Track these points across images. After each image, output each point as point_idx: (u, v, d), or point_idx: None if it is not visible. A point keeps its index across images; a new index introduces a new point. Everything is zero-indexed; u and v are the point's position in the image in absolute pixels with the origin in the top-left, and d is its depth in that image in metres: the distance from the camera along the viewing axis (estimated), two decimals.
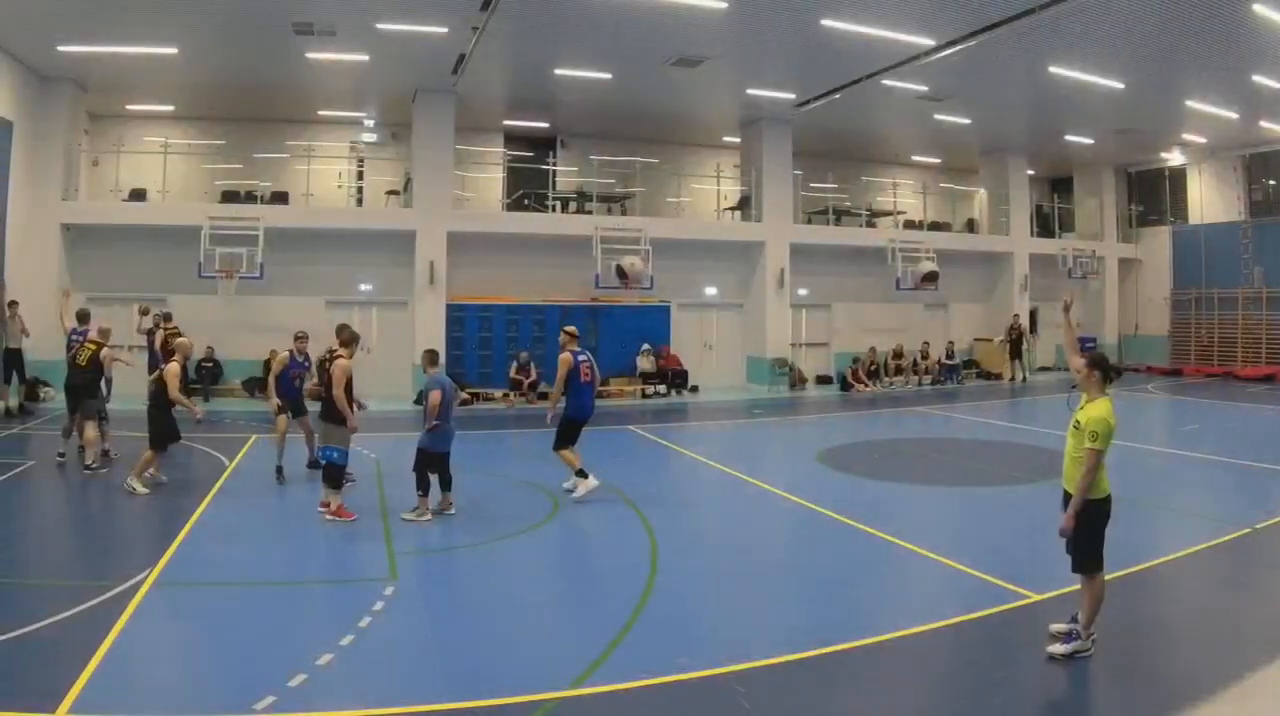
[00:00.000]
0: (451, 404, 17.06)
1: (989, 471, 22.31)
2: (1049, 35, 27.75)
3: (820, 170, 44.48)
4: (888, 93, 34.72)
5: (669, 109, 39.01)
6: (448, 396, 16.79)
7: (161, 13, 26.43)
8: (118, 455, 21.68)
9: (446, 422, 16.79)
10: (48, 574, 13.52)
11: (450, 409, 16.97)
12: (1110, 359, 10.89)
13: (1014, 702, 9.40)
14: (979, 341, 46.97)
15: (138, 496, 17.79)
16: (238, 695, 9.01)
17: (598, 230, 36.51)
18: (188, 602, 12.23)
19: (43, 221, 32.46)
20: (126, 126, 38.13)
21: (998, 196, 47.48)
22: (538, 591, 13.35)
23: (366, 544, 15.17)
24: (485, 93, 36.63)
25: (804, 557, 15.38)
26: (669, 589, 12.94)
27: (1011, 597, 12.16)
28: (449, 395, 16.89)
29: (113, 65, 31.58)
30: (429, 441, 16.66)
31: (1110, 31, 27.60)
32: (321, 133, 40.14)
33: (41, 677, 9.34)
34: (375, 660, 10.21)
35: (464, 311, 36.19)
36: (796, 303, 42.25)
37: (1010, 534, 16.26)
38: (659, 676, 9.68)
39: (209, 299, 33.62)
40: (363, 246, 36.60)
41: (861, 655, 10.46)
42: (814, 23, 26.98)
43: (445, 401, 16.66)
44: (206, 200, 36.12)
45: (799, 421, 32.77)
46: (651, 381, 37.60)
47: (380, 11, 26.52)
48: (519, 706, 8.91)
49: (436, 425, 16.54)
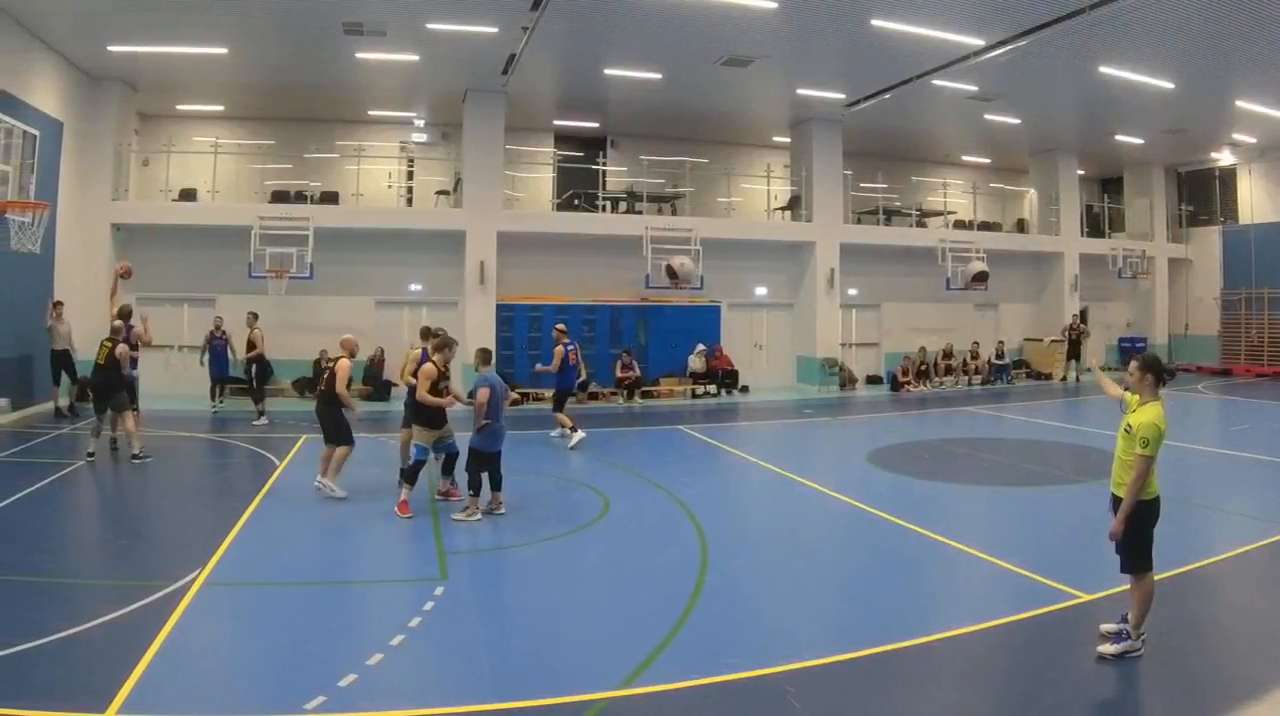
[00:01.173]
0: (502, 403, 16.66)
1: (1039, 471, 21.83)
2: (1099, 35, 27.10)
3: (870, 170, 43.47)
4: (937, 93, 34.08)
5: (719, 109, 38.25)
6: (497, 395, 16.36)
7: (212, 13, 26.08)
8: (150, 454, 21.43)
9: (497, 422, 16.43)
10: (98, 574, 13.39)
11: (501, 408, 16.59)
12: (1161, 360, 10.59)
13: (1064, 703, 9.14)
14: (1029, 341, 46.05)
15: (338, 496, 17.66)
16: (288, 695, 8.89)
17: (648, 230, 35.84)
18: (238, 602, 12.07)
19: (93, 221, 31.96)
20: (176, 126, 37.68)
21: (1048, 196, 46.33)
22: (587, 591, 13.07)
23: (417, 544, 15.05)
24: (535, 92, 36.07)
25: (854, 557, 15.03)
26: (719, 588, 12.67)
27: (1061, 597, 11.98)
28: (499, 394, 16.46)
29: (163, 65, 31.18)
30: (480, 441, 16.29)
31: (1160, 32, 27.01)
32: (371, 133, 39.56)
33: (92, 677, 9.17)
34: (426, 660, 10.19)
35: (514, 311, 35.61)
36: (846, 302, 41.34)
37: (1060, 533, 15.89)
38: (709, 676, 9.51)
39: (259, 299, 32.67)
40: (412, 246, 36.09)
41: (911, 655, 10.26)
42: (864, 22, 26.46)
43: (495, 400, 16.26)
44: (256, 200, 35.64)
45: (849, 421, 31.93)
46: (702, 381, 36.94)
47: (430, 11, 26.13)
48: (569, 706, 8.79)
49: (486, 424, 16.17)
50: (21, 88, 26.58)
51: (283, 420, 28.48)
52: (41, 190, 22.32)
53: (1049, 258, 46.07)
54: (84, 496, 18.64)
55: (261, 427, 25.55)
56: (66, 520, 16.86)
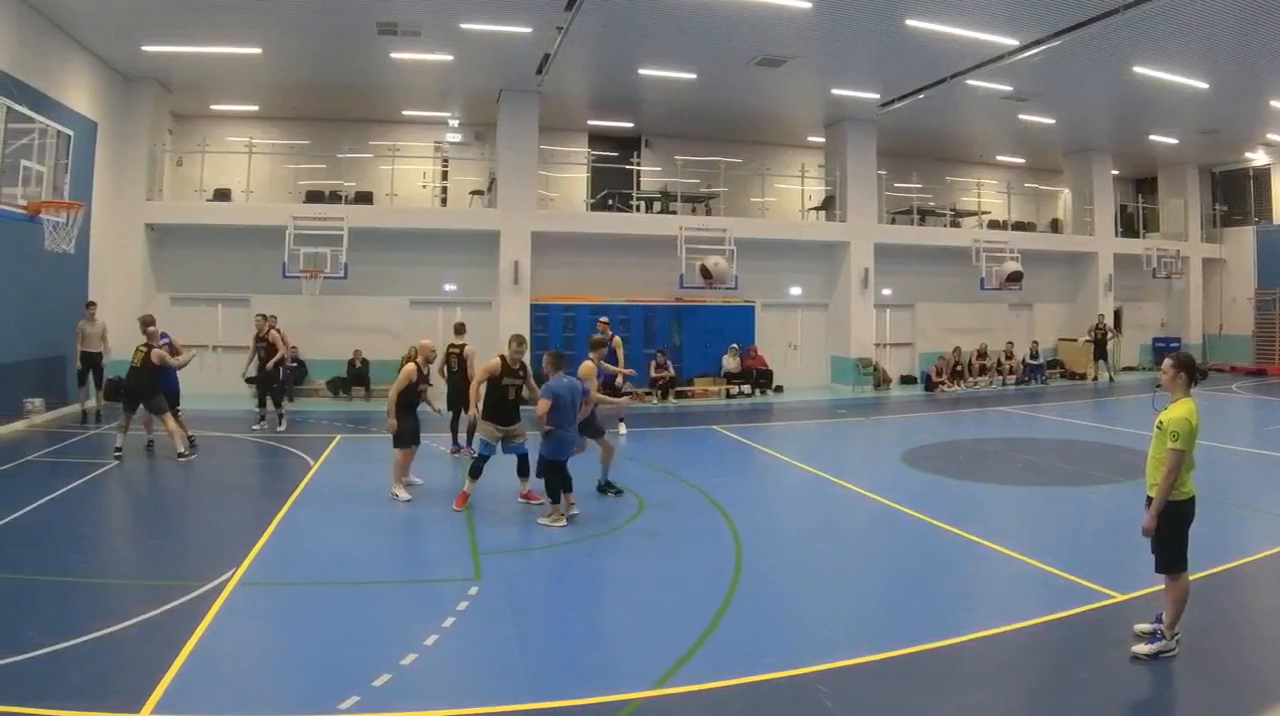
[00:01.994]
0: (570, 409, 15.95)
1: (1073, 471, 21.48)
2: (1132, 35, 26.77)
3: (904, 170, 42.89)
4: (971, 93, 33.64)
5: (753, 109, 37.76)
6: (562, 403, 15.71)
7: (246, 13, 25.96)
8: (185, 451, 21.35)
9: (564, 429, 15.85)
10: (132, 573, 13.37)
11: (570, 415, 15.94)
12: (1195, 359, 10.57)
13: (1098, 703, 9.00)
14: (1063, 341, 45.37)
15: (401, 499, 17.52)
16: (322, 695, 8.80)
17: (682, 230, 35.33)
18: (272, 602, 11.97)
19: (127, 221, 31.78)
20: (210, 126, 37.44)
21: (1082, 196, 45.62)
22: (621, 591, 13.10)
23: (450, 544, 14.88)
24: (569, 92, 35.65)
25: (887, 557, 14.82)
26: (753, 588, 12.54)
27: (1095, 597, 11.83)
28: (565, 401, 15.76)
29: (197, 65, 30.98)
30: (548, 449, 15.85)
31: (1194, 32, 26.73)
32: (406, 132, 39.09)
33: (126, 677, 9.09)
34: (459, 660, 10.10)
35: (548, 311, 35.32)
36: (880, 303, 40.86)
37: (1094, 534, 15.75)
38: (743, 676, 9.37)
39: (293, 299, 32.70)
40: (447, 246, 35.76)
41: (945, 655, 10.14)
42: (898, 22, 26.23)
43: (560, 409, 15.65)
44: (291, 200, 35.33)
45: (883, 421, 31.62)
46: (736, 381, 36.48)
47: (464, 11, 25.96)
48: (603, 706, 8.69)
49: (550, 431, 15.62)
50: (56, 88, 26.37)
51: (316, 420, 28.45)
52: (76, 190, 22.03)
53: (1083, 258, 45.43)
54: (117, 496, 18.53)
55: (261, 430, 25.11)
56: (100, 520, 16.83)
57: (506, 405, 16.72)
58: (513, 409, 16.83)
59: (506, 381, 16.62)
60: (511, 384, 16.68)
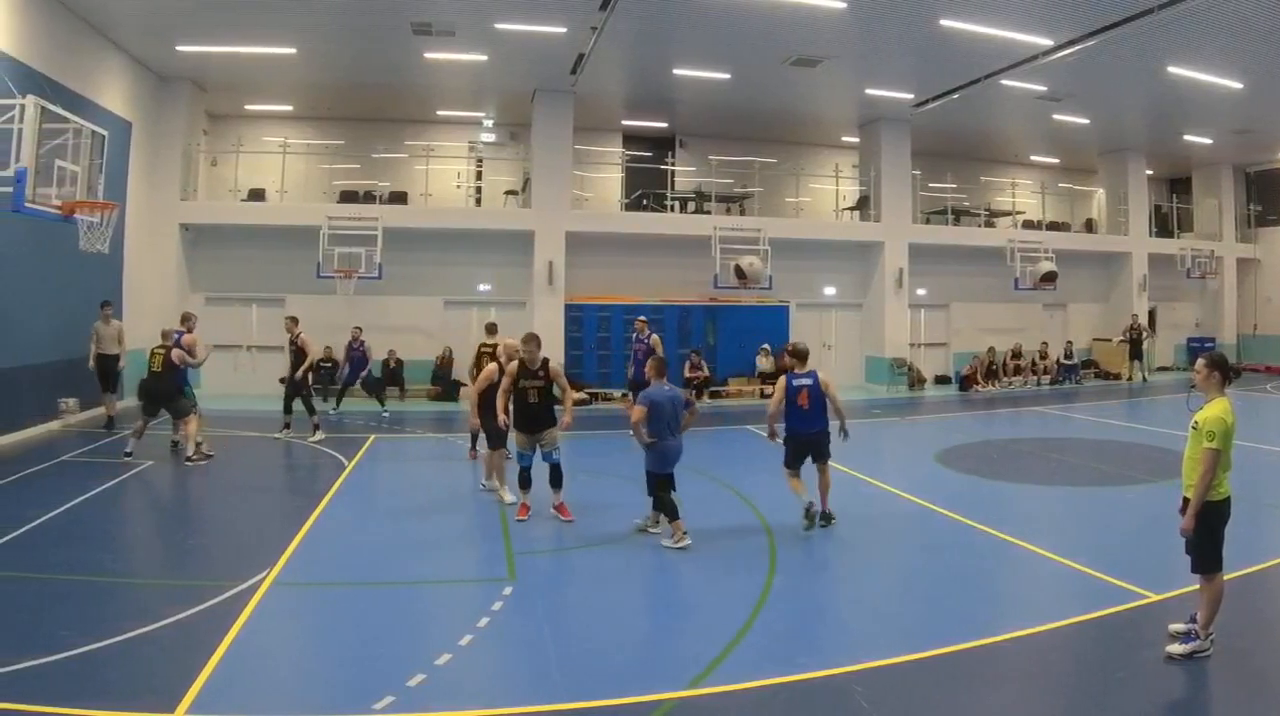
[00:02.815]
0: (670, 418, 14.88)
1: (1107, 471, 21.28)
2: (1167, 35, 26.56)
3: (939, 170, 42.35)
4: (1006, 93, 33.33)
5: (788, 109, 37.40)
6: (660, 411, 14.71)
7: (280, 13, 25.91)
8: (213, 452, 21.40)
9: (664, 440, 14.81)
10: (167, 573, 13.25)
11: (668, 423, 14.87)
12: (1229, 359, 10.46)
13: (1132, 703, 8.92)
14: (1098, 341, 44.86)
15: (505, 502, 17.12)
16: (357, 695, 8.76)
17: (716, 230, 34.90)
18: (306, 602, 11.98)
19: (161, 221, 31.70)
20: (245, 126, 37.32)
21: (1116, 196, 45.04)
22: (656, 591, 13.05)
23: (485, 544, 14.89)
24: (604, 92, 35.40)
25: (922, 557, 14.57)
26: (787, 588, 12.52)
27: (1130, 597, 11.76)
28: (662, 410, 14.75)
29: (231, 65, 30.89)
30: (651, 461, 14.96)
31: (1228, 31, 26.45)
32: (440, 132, 38.70)
33: (160, 677, 9.07)
34: (494, 660, 10.11)
35: (582, 311, 35.14)
36: (915, 302, 40.47)
37: (1129, 534, 15.67)
38: (778, 676, 9.34)
39: (327, 299, 32.50)
40: (481, 246, 35.56)
41: (980, 655, 10.11)
42: (932, 22, 26.03)
43: (658, 417, 14.68)
44: (325, 200, 35.29)
45: (917, 421, 31.40)
46: (770, 381, 34.84)
47: (499, 11, 25.82)
48: (638, 706, 8.65)
49: (652, 443, 14.70)
50: (91, 88, 26.20)
51: (352, 420, 28.41)
52: (110, 190, 21.78)
53: (1117, 258, 44.86)
54: (151, 497, 18.45)
55: (317, 440, 24.22)
56: (135, 520, 16.98)
57: (528, 409, 15.81)
58: (536, 413, 15.88)
59: (525, 383, 15.72)
60: (531, 387, 15.74)
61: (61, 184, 18.72)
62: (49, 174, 18.26)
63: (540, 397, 15.85)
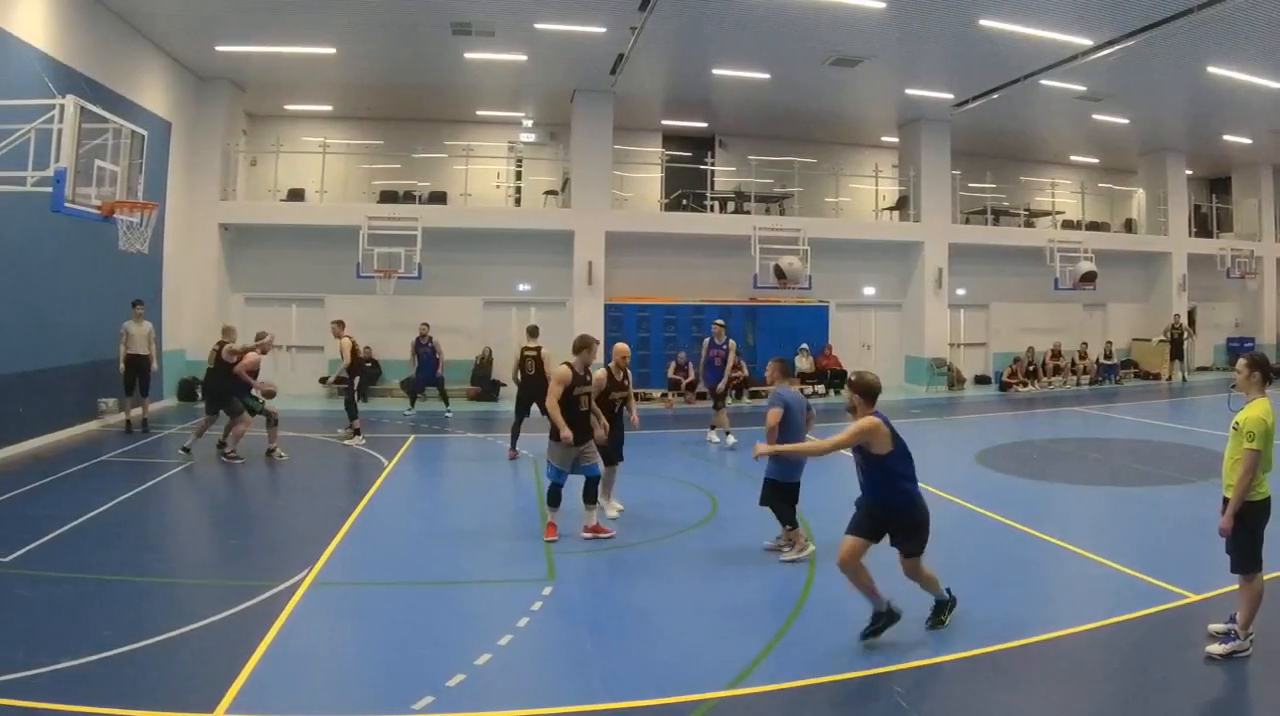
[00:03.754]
0: (801, 422, 13.92)
1: (1147, 471, 21.06)
2: (1207, 35, 26.21)
3: (978, 170, 41.73)
4: (1046, 93, 32.97)
5: (827, 109, 37.03)
6: (794, 414, 13.76)
7: (320, 13, 25.75)
8: (284, 456, 21.20)
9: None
10: (206, 573, 13.28)
11: (801, 429, 13.91)
12: (1270, 359, 10.56)
13: (1172, 703, 8.89)
14: (1137, 341, 44.27)
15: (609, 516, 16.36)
16: (397, 695, 8.72)
17: (756, 230, 34.45)
18: (346, 602, 11.97)
19: (201, 221, 31.49)
20: (284, 126, 37.15)
21: (1156, 196, 44.36)
22: (695, 591, 12.63)
23: (524, 544, 14.65)
24: (643, 92, 35.07)
25: (962, 557, 13.99)
26: (827, 588, 12.19)
27: (1169, 597, 11.68)
28: (795, 412, 13.80)
29: (271, 65, 30.77)
30: (775, 469, 13.84)
31: (1267, 31, 26.04)
32: (480, 132, 38.38)
33: (200, 677, 9.02)
34: (533, 660, 10.10)
35: (621, 311, 34.72)
36: (954, 302, 39.98)
37: (1168, 534, 15.47)
38: (817, 676, 9.31)
39: (367, 299, 32.34)
40: (521, 246, 35.21)
41: (1018, 655, 10.02)
42: (972, 22, 25.79)
43: (791, 421, 13.69)
44: (365, 200, 35.21)
45: (957, 421, 30.98)
46: (810, 381, 35.60)
47: (539, 12, 25.68)
48: (677, 706, 8.62)
49: (782, 449, 13.29)
50: (130, 88, 26.05)
51: (391, 420, 28.16)
52: (150, 190, 21.43)
53: (1157, 258, 44.22)
54: (191, 496, 18.50)
55: (357, 445, 23.34)
56: (175, 520, 17.01)
57: (578, 417, 14.59)
58: (585, 422, 14.75)
59: (579, 391, 14.77)
60: (583, 393, 14.76)
61: (101, 184, 18.45)
62: (89, 174, 17.96)
63: (590, 406, 15.02)
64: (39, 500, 16.58)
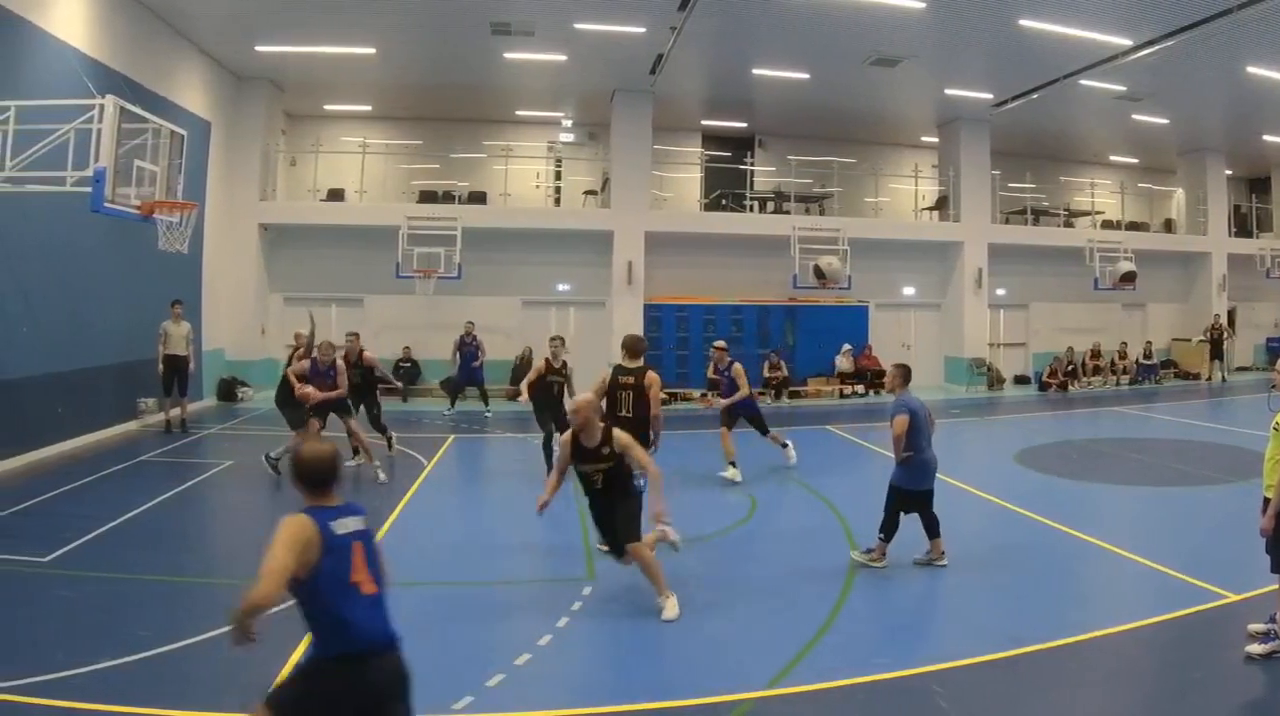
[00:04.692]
0: (926, 429, 13.42)
1: (1187, 471, 20.86)
2: (1246, 35, 25.76)
3: (1018, 170, 41.21)
4: (1085, 93, 32.34)
5: (867, 109, 36.60)
6: (919, 421, 13.26)
7: (360, 13, 25.50)
8: (380, 468, 19.59)
9: (921, 453, 13.30)
10: (245, 573, 12.35)
11: (925, 436, 13.41)
12: None
13: (1211, 703, 8.84)
14: (1177, 341, 43.79)
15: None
16: (436, 695, 8.44)
17: (795, 230, 33.91)
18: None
19: (241, 221, 31.33)
20: (324, 126, 36.99)
21: (1195, 196, 43.88)
22: (734, 591, 12.51)
23: (564, 543, 14.70)
24: (683, 92, 34.66)
25: (1001, 557, 14.20)
26: (866, 588, 12.40)
27: (1209, 597, 11.62)
28: (920, 419, 13.31)
29: (310, 65, 30.55)
30: (901, 476, 13.39)
31: None
32: (519, 132, 38.13)
33: (239, 678, 8.71)
34: (573, 660, 10.12)
35: (661, 311, 34.35)
36: (994, 302, 39.30)
37: (1208, 534, 15.37)
38: (856, 676, 9.29)
39: (406, 299, 32.36)
40: (560, 246, 34.81)
41: (1058, 655, 9.94)
42: (1011, 22, 25.44)
43: (917, 427, 13.19)
44: (404, 200, 34.91)
45: (996, 421, 30.77)
46: (849, 381, 35.54)
47: (578, 12, 25.44)
48: (716, 706, 8.60)
49: (908, 456, 13.20)
50: (170, 88, 25.94)
51: (430, 420, 28.11)
52: (189, 190, 21.31)
53: (1197, 258, 43.66)
54: (229, 497, 18.39)
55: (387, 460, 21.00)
56: (214, 520, 17.04)
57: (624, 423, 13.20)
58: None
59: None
60: (623, 390, 14.18)
61: (140, 184, 18.33)
62: (128, 174, 17.86)
63: (623, 401, 14.27)
64: (78, 500, 16.49)
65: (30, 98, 17.90)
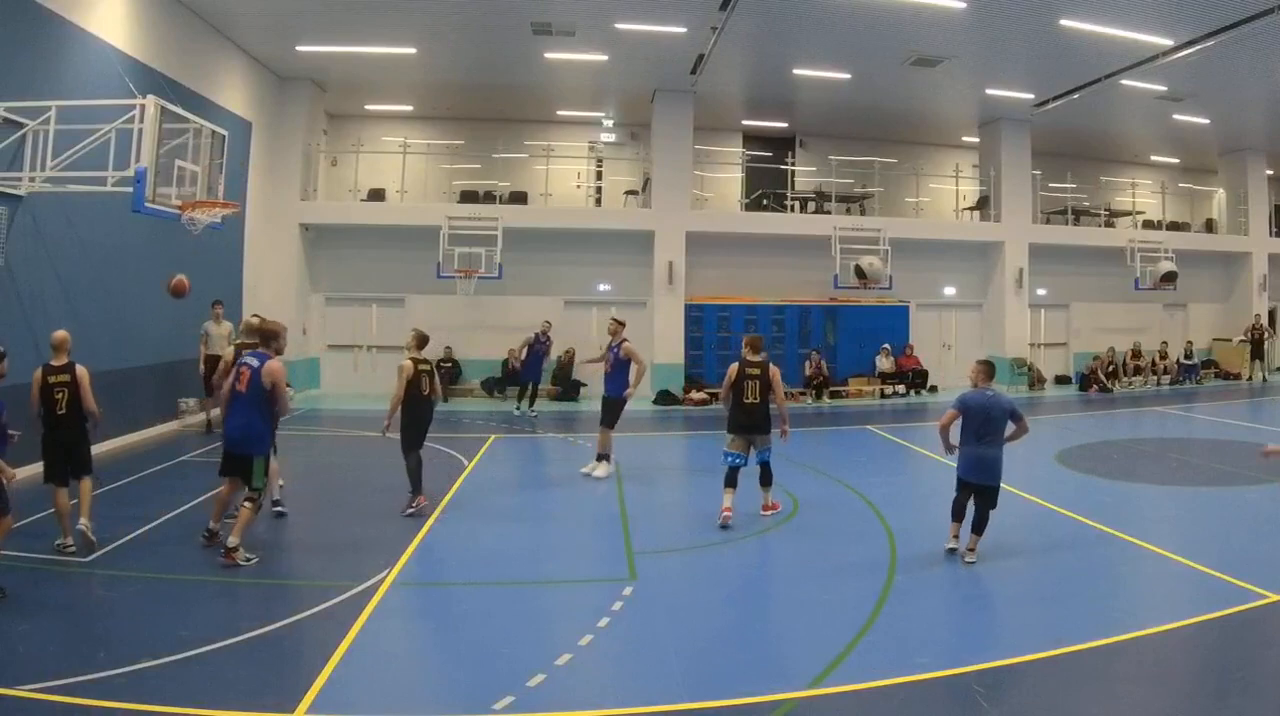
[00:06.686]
0: (980, 424, 13.36)
1: (1228, 471, 20.59)
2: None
3: (1058, 170, 40.48)
4: (1126, 92, 31.93)
5: (908, 109, 36.00)
6: (970, 416, 13.34)
7: (401, 13, 25.44)
8: None
9: (966, 446, 13.53)
10: (286, 574, 13.11)
11: (975, 431, 13.41)
12: None
13: (1255, 704, 8.66)
14: (1217, 341, 43.10)
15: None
16: (477, 695, 8.68)
17: (836, 230, 33.50)
18: (426, 602, 11.96)
19: (282, 220, 31.08)
20: (364, 126, 36.83)
21: (1236, 196, 43.12)
22: (776, 591, 12.84)
23: (606, 543, 14.63)
24: (724, 92, 34.17)
25: (1042, 557, 14.10)
26: (908, 588, 12.25)
27: (1251, 597, 11.43)
28: (974, 414, 13.34)
29: (351, 65, 30.38)
30: (957, 462, 13.80)
31: None
32: (560, 132, 37.77)
33: (281, 677, 9.09)
34: (614, 660, 9.92)
35: (702, 311, 34.01)
36: (1035, 302, 38.80)
37: (1250, 534, 15.11)
38: (898, 676, 9.17)
39: (447, 299, 32.03)
40: (601, 246, 34.42)
41: (1099, 655, 9.77)
42: (1052, 22, 25.20)
43: (970, 421, 13.35)
44: (445, 200, 34.49)
45: (1037, 421, 29.12)
46: (890, 381, 35.06)
47: (619, 12, 25.24)
48: (758, 706, 8.49)
49: (953, 447, 13.75)
50: (211, 88, 25.75)
51: (471, 420, 27.82)
52: (230, 190, 21.08)
53: (1237, 258, 42.94)
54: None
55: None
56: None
57: (739, 406, 15.53)
58: (748, 413, 15.54)
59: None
60: (752, 380, 15.38)
61: (182, 183, 18.11)
62: (169, 174, 17.61)
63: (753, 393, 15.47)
64: (119, 500, 16.32)
65: (71, 98, 17.67)
